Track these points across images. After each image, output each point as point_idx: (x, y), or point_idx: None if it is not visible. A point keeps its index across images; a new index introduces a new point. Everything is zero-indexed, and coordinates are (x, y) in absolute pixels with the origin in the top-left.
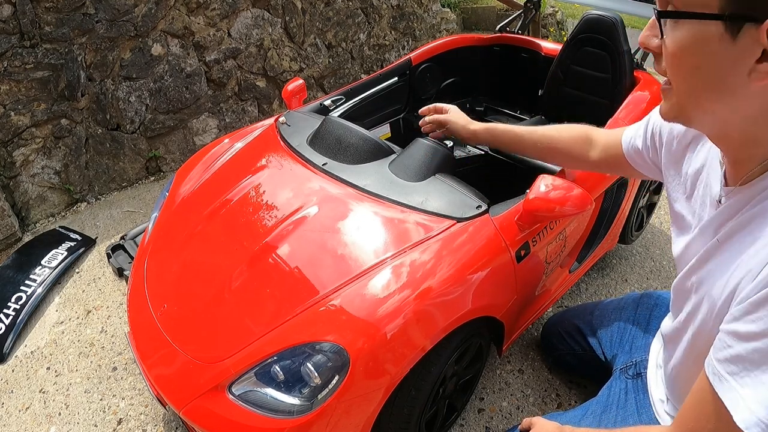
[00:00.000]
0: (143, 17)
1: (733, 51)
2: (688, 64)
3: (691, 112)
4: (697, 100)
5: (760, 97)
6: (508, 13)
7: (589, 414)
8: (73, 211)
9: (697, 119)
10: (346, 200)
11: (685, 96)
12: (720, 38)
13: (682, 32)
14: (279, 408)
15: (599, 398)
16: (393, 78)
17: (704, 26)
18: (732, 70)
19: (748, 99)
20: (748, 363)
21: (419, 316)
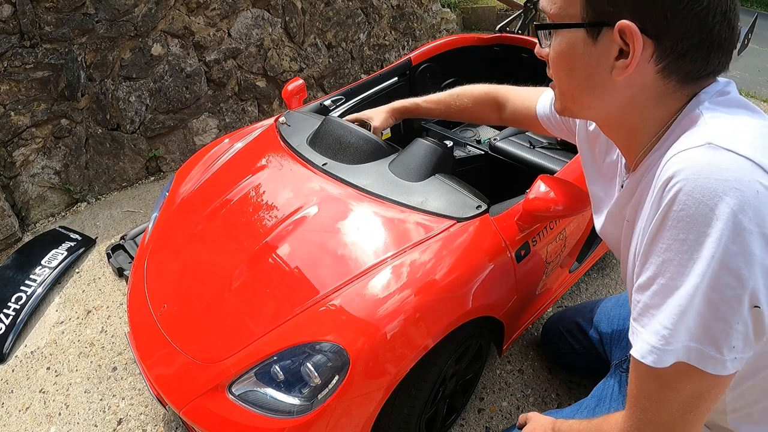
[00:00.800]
0: (143, 17)
1: (595, 52)
2: (564, 66)
3: (572, 107)
4: (574, 97)
5: (624, 90)
6: (508, 13)
7: (584, 408)
8: (73, 211)
9: (580, 113)
10: (346, 200)
11: (567, 94)
12: (584, 43)
13: (557, 41)
14: (279, 408)
15: (593, 393)
16: (393, 78)
17: (572, 34)
18: (597, 68)
19: (615, 92)
20: (652, 308)
21: (419, 316)
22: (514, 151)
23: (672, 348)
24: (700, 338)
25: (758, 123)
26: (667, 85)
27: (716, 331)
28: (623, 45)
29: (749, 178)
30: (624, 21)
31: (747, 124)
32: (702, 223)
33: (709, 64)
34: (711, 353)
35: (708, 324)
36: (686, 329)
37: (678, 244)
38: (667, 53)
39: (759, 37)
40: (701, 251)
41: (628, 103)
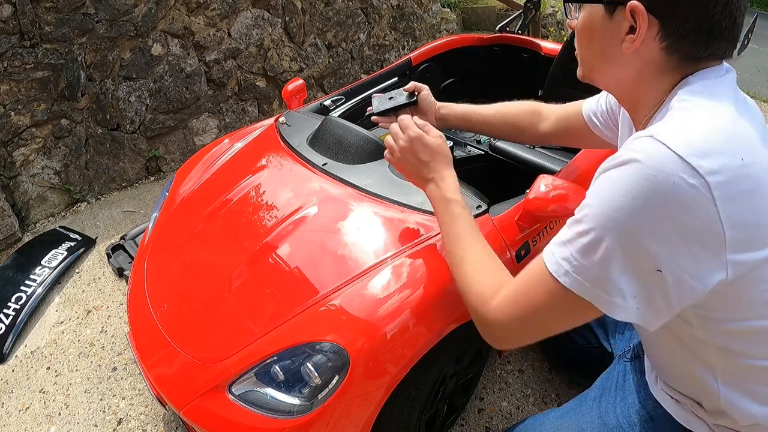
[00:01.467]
0: (143, 17)
1: (610, 27)
2: (586, 37)
3: (590, 74)
4: (592, 64)
5: (632, 62)
6: (508, 13)
7: (588, 399)
8: (73, 211)
9: (596, 80)
10: (346, 200)
11: (586, 62)
12: (602, 18)
13: (581, 15)
14: (279, 408)
15: (597, 383)
16: (393, 78)
17: (594, 9)
18: (611, 41)
19: (625, 63)
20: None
21: (419, 315)
22: (514, 151)
23: (573, 276)
24: (598, 281)
25: (720, 118)
26: (669, 61)
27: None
28: (633, 22)
29: (671, 171)
30: (635, 1)
31: (704, 118)
32: (622, 193)
33: (709, 47)
34: (603, 296)
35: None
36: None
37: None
38: (670, 33)
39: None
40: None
41: (635, 75)
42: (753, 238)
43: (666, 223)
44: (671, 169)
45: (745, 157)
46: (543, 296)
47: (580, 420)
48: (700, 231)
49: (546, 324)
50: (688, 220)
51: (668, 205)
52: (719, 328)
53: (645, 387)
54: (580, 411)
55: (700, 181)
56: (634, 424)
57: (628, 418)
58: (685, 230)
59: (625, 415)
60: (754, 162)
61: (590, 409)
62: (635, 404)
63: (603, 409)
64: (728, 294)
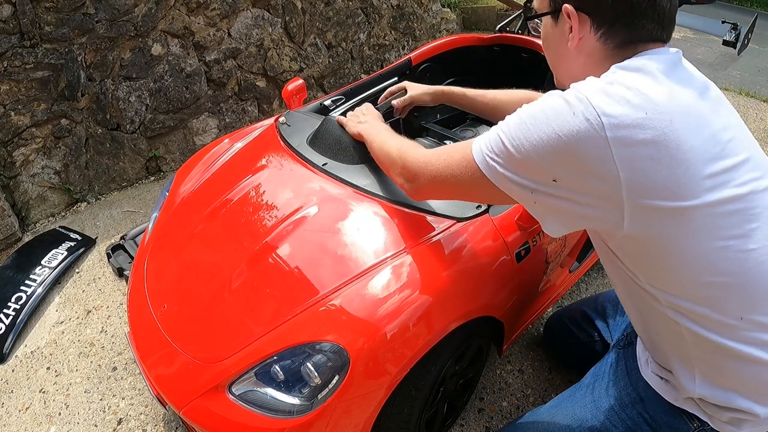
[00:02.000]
0: (143, 17)
1: (558, 31)
2: (545, 45)
3: (557, 76)
4: (554, 68)
5: (579, 56)
6: (508, 13)
7: (582, 386)
8: (73, 211)
9: (561, 80)
10: (346, 200)
11: (552, 67)
12: (551, 25)
13: (541, 25)
14: (279, 408)
15: (591, 371)
16: (393, 78)
17: (546, 21)
18: (560, 42)
19: (574, 59)
20: (498, 133)
21: (419, 316)
22: None
23: (491, 164)
24: (511, 166)
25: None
26: (606, 49)
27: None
28: (570, 22)
29: (575, 105)
30: (566, 5)
31: (618, 80)
32: (537, 110)
33: (637, 29)
34: (513, 188)
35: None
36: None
37: (522, 114)
38: (600, 24)
39: (759, 37)
40: (528, 128)
41: (583, 68)
42: (655, 188)
43: (564, 146)
44: (578, 105)
45: (649, 113)
46: (461, 169)
47: (574, 406)
48: (594, 163)
49: (456, 189)
50: (581, 149)
51: (566, 132)
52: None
53: (636, 370)
54: (574, 398)
55: (596, 120)
56: (626, 405)
57: (620, 400)
58: (579, 158)
59: (616, 397)
60: (659, 119)
61: (583, 395)
62: (627, 387)
63: (596, 394)
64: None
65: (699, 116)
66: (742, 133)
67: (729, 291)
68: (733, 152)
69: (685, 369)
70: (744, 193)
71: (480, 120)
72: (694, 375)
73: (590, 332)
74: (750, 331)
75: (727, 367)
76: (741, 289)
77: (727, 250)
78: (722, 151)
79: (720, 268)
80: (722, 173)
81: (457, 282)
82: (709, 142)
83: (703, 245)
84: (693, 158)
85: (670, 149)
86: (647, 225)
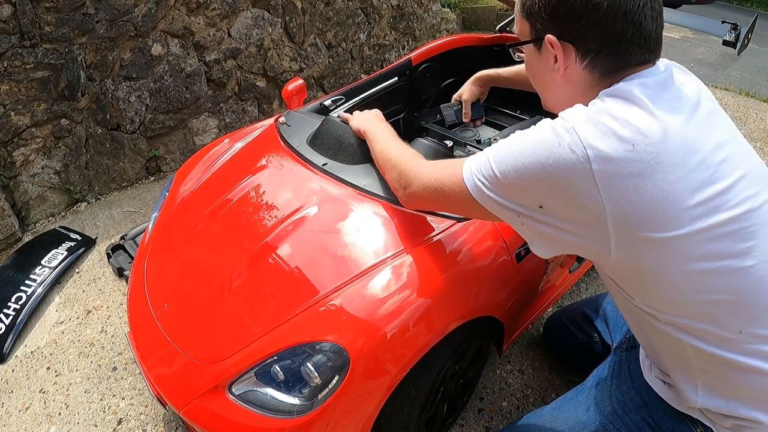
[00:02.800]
0: (143, 17)
1: (542, 60)
2: (530, 74)
3: (545, 103)
4: (541, 94)
5: (566, 86)
6: (508, 13)
7: (585, 389)
8: (73, 211)
9: (549, 107)
10: (346, 200)
11: (539, 93)
12: (535, 55)
13: (524, 52)
14: (279, 408)
15: (594, 374)
16: (393, 78)
17: (528, 49)
18: (544, 72)
19: (560, 88)
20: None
21: (419, 316)
22: None
23: (479, 187)
24: (498, 190)
25: (622, 109)
26: (593, 78)
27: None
28: (555, 52)
29: (562, 136)
30: (549, 35)
31: (605, 110)
32: (528, 141)
33: (623, 57)
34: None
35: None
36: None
37: (513, 142)
38: (585, 53)
39: (759, 37)
40: (517, 154)
41: (570, 96)
42: (642, 220)
43: (550, 177)
44: (564, 136)
45: (636, 145)
46: (452, 187)
47: (577, 409)
48: (579, 194)
49: (445, 203)
50: (567, 180)
51: (552, 163)
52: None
53: (639, 374)
54: (576, 400)
55: (582, 152)
56: (629, 410)
57: (623, 404)
58: (564, 189)
59: (620, 401)
60: (646, 151)
61: (586, 398)
62: (630, 391)
63: (599, 398)
64: (638, 276)
65: (687, 143)
66: (737, 147)
67: (727, 307)
68: (725, 173)
69: (688, 380)
70: (738, 214)
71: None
72: (697, 386)
73: (590, 333)
74: (751, 344)
75: (729, 378)
76: (739, 304)
77: (722, 270)
78: (713, 175)
79: (716, 287)
80: (713, 198)
81: (457, 282)
82: (698, 169)
83: (695, 268)
84: (680, 189)
85: (656, 182)
86: (635, 254)
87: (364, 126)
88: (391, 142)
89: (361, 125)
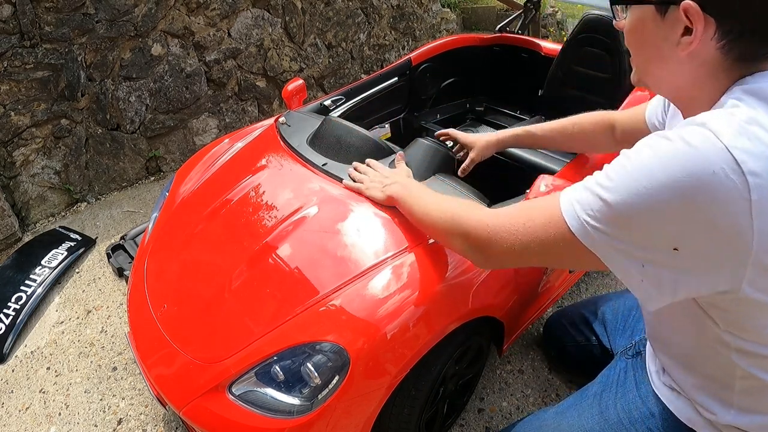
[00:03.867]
0: (143, 17)
1: (663, 28)
2: (637, 39)
3: (644, 77)
4: (646, 68)
5: (688, 63)
6: (508, 13)
7: (590, 395)
8: (73, 211)
9: (650, 83)
10: (346, 200)
11: (640, 66)
12: (654, 19)
13: (629, 17)
14: (279, 408)
15: (598, 379)
16: (393, 78)
17: (643, 11)
18: (664, 42)
19: (679, 65)
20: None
21: (419, 316)
22: (514, 151)
23: (587, 229)
24: (611, 241)
25: None
26: (725, 61)
27: (627, 245)
28: (688, 23)
29: (714, 158)
30: (688, 1)
31: (756, 121)
32: (660, 167)
33: (764, 47)
34: (614, 254)
35: (624, 237)
36: (607, 229)
37: (637, 168)
38: (727, 32)
39: None
40: (648, 186)
41: (691, 76)
42: None
43: (695, 209)
44: (715, 157)
45: None
46: (548, 233)
47: (581, 416)
48: (728, 229)
49: (541, 257)
50: (718, 213)
51: (702, 193)
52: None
53: (646, 383)
54: (581, 407)
55: (740, 178)
56: (635, 420)
57: (629, 414)
58: (712, 223)
59: (625, 411)
60: None
61: (590, 405)
62: (636, 400)
63: (603, 405)
64: (749, 308)
65: None
66: None
67: None
68: None
69: (723, 402)
70: None
71: (480, 120)
72: (732, 406)
73: (588, 336)
74: None
75: None
76: None
77: None
78: None
79: None
80: None
81: (457, 282)
82: None
83: None
84: None
85: None
86: (762, 288)
87: (388, 193)
88: (431, 197)
89: (384, 194)
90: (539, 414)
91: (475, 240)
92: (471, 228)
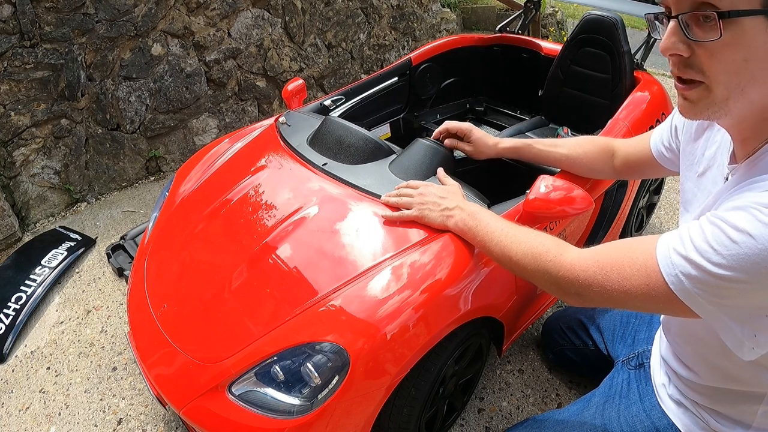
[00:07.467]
0: (143, 17)
1: None
2: (738, 58)
3: (732, 104)
4: (742, 91)
5: None
6: (508, 13)
7: (592, 405)
8: (73, 211)
9: (735, 110)
10: (346, 200)
11: (731, 89)
12: (765, 31)
13: (730, 30)
14: (279, 408)
15: (601, 389)
16: (393, 78)
17: (752, 22)
18: None
19: None
20: (701, 247)
21: (419, 316)
22: None
23: (687, 287)
24: (715, 299)
25: None
26: None
27: (732, 308)
28: None
29: None
30: None
31: None
32: None
33: None
34: (717, 313)
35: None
36: (710, 290)
37: (755, 244)
38: None
39: None
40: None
41: None
42: None
43: None
44: None
45: None
46: (649, 295)
47: (583, 427)
48: None
49: (628, 301)
50: None
51: None
52: None
53: (650, 396)
54: (583, 416)
55: None
56: None
57: (632, 427)
58: None
59: (628, 424)
60: None
61: (593, 416)
62: (640, 413)
63: (606, 417)
64: None
65: None
66: None
67: None
68: None
69: (741, 422)
70: None
71: (480, 120)
72: (749, 426)
73: (585, 340)
74: None
75: None
76: None
77: None
78: None
79: None
80: None
81: (456, 282)
82: None
83: None
84: None
85: None
86: None
87: (451, 224)
88: (510, 230)
89: (451, 225)
90: (539, 419)
91: (568, 284)
92: (562, 278)
